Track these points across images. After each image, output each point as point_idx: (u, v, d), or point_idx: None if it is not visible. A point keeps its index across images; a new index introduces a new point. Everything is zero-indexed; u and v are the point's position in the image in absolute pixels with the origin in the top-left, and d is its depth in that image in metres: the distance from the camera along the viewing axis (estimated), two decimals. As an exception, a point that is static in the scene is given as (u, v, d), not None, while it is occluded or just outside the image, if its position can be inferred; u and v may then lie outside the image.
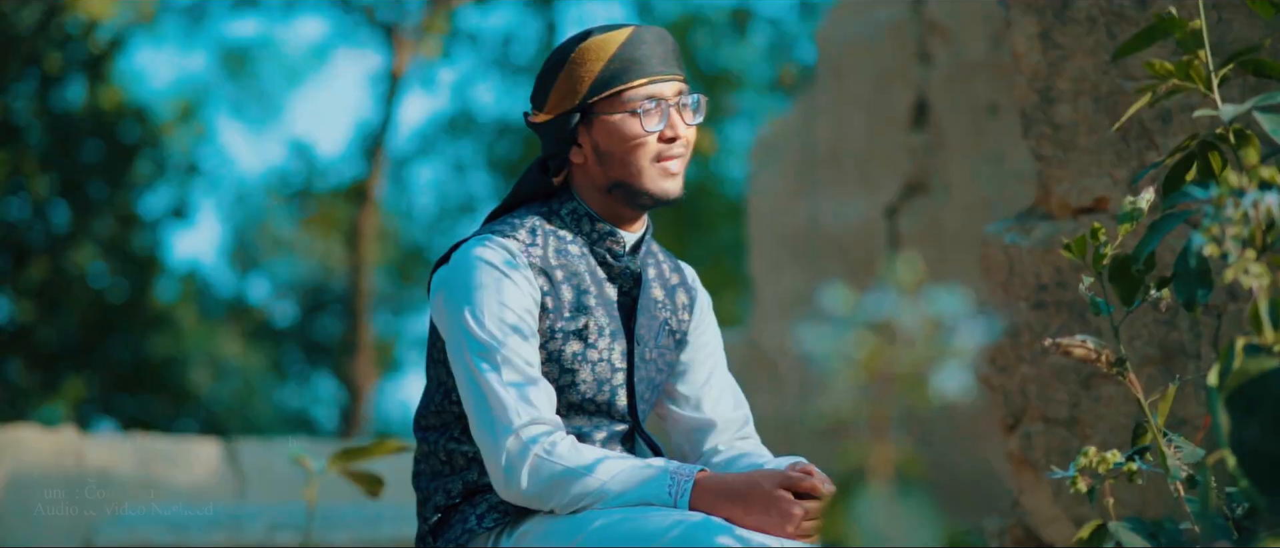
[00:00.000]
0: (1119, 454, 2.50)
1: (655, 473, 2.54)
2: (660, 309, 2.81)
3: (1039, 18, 3.53)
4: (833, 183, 6.55)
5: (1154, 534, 2.42)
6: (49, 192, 15.85)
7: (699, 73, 18.34)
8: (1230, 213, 2.06)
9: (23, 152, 15.63)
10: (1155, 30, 2.51)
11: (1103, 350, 2.52)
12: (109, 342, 16.32)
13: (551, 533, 2.58)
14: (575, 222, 2.74)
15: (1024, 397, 3.56)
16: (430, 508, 2.72)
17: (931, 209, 6.19)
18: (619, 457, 2.59)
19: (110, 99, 16.62)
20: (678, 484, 2.53)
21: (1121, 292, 2.52)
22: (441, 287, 2.67)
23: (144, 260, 16.85)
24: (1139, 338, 3.44)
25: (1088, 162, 3.48)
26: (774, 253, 6.80)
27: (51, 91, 15.87)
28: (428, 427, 2.75)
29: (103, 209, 16.24)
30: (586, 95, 2.68)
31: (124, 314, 16.53)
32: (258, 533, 5.14)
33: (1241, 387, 2.04)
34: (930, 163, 6.22)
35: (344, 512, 5.27)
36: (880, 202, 6.36)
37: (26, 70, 15.44)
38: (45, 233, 16.00)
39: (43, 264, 15.84)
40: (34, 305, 16.03)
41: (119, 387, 17.04)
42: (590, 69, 2.68)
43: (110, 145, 16.12)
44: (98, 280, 16.73)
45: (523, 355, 2.58)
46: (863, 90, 6.46)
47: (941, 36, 6.18)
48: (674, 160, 2.70)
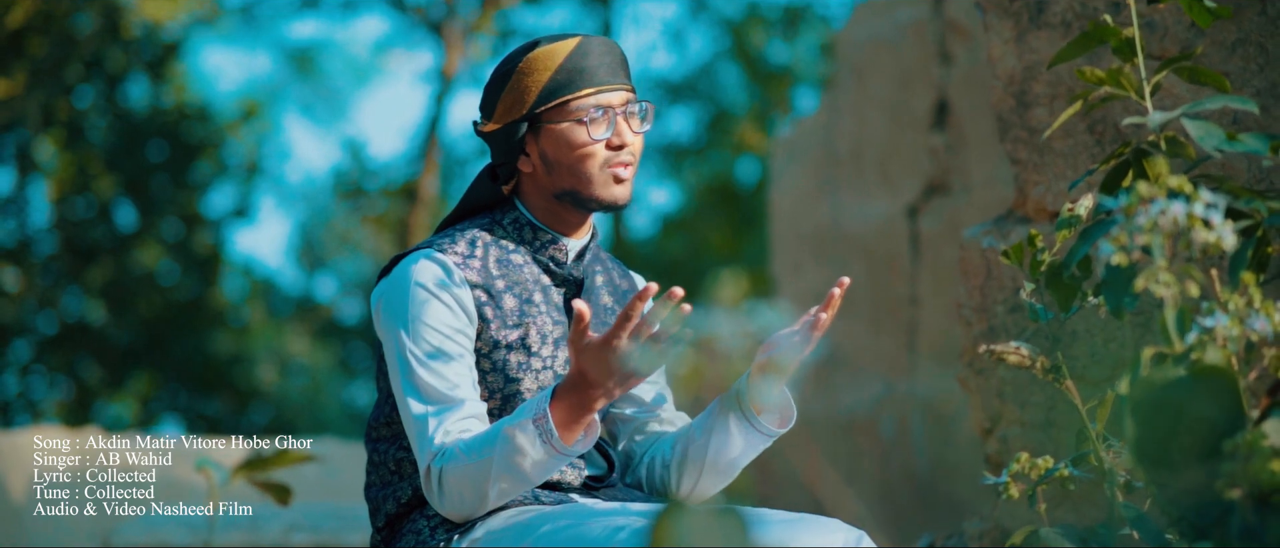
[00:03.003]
0: (1052, 461, 2.52)
1: (521, 432, 2.49)
2: (608, 314, 2.83)
3: (1015, 21, 3.53)
4: (854, 183, 6.56)
5: (1084, 539, 2.43)
6: (114, 192, 16.06)
7: (755, 71, 18.30)
8: (1141, 221, 2.07)
9: (88, 152, 15.85)
10: (1090, 37, 2.52)
11: (1037, 357, 2.53)
12: (175, 340, 16.50)
13: (500, 537, 2.61)
14: (517, 231, 2.76)
15: (1000, 401, 3.56)
16: (381, 517, 2.76)
17: (952, 209, 6.18)
18: (492, 436, 2.53)
19: (174, 99, 16.82)
20: (542, 427, 2.48)
21: (1059, 298, 2.53)
22: (379, 300, 2.72)
23: (208, 259, 17.03)
24: (1112, 341, 3.43)
25: (1063, 165, 3.48)
26: (796, 253, 6.81)
27: (115, 92, 16.08)
28: (378, 437, 2.79)
29: (167, 208, 16.43)
30: (533, 105, 2.70)
31: (190, 313, 16.71)
32: (274, 535, 5.20)
33: (1147, 395, 2.06)
34: (951, 163, 6.21)
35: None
36: (901, 202, 6.36)
37: (91, 72, 15.64)
38: (110, 233, 16.21)
39: (109, 263, 16.05)
40: (101, 304, 16.25)
41: (186, 385, 17.23)
42: (537, 79, 2.70)
43: (174, 145, 16.31)
44: (164, 279, 16.92)
45: (447, 378, 2.61)
46: (884, 91, 6.45)
47: (962, 37, 6.17)
48: (623, 167, 2.72)
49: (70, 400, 16.43)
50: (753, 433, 2.67)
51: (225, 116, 18.79)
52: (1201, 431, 1.97)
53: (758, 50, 18.34)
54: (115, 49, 15.72)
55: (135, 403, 17.44)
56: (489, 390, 2.69)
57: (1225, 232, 2.03)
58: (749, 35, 18.24)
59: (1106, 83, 2.45)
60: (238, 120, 18.88)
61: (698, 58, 19.00)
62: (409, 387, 2.61)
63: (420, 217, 16.54)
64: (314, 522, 5.31)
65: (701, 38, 19.06)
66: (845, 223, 6.55)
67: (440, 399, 2.60)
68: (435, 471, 2.57)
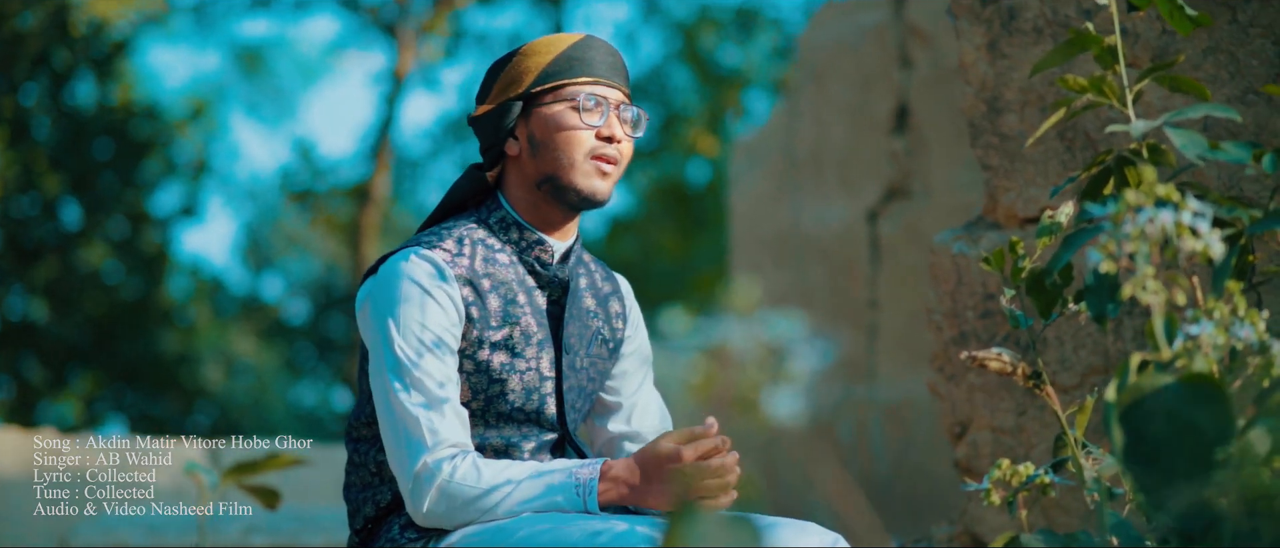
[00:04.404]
0: (1032, 467, 2.52)
1: (559, 480, 2.56)
2: (592, 318, 2.82)
3: (986, 28, 3.54)
4: (814, 187, 6.57)
5: (1066, 546, 2.44)
6: (59, 190, 15.92)
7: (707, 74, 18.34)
8: (1128, 229, 2.08)
9: (33, 150, 15.71)
10: (1072, 45, 2.52)
11: (1019, 364, 2.54)
12: (120, 339, 16.39)
13: (478, 539, 2.59)
14: (504, 230, 2.75)
15: (971, 405, 3.58)
16: (360, 519, 2.74)
17: (912, 213, 6.20)
18: (521, 470, 2.59)
19: (121, 97, 16.69)
20: (583, 485, 2.55)
21: (1039, 305, 2.54)
22: (366, 299, 2.68)
23: (154, 258, 16.91)
24: (1083, 347, 3.45)
25: (1034, 172, 3.50)
26: (755, 256, 6.82)
27: (62, 90, 15.95)
28: (359, 438, 2.77)
29: (113, 207, 16.30)
30: (530, 85, 2.70)
31: (135, 312, 16.60)
32: (232, 536, 5.17)
33: (1135, 402, 2.06)
34: (911, 167, 6.23)
35: (319, 515, 5.30)
36: (861, 205, 6.37)
37: (37, 69, 15.51)
38: (56, 231, 16.08)
39: (53, 262, 15.92)
40: (45, 303, 16.11)
41: (130, 385, 17.11)
42: (537, 62, 2.71)
43: (121, 143, 16.19)
44: (109, 278, 16.80)
45: (437, 377, 2.59)
46: (844, 94, 6.47)
47: (923, 41, 6.19)
48: (608, 162, 2.71)
49: (13, 400, 16.28)
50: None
51: (173, 115, 18.67)
52: (1192, 438, 1.98)
53: (709, 53, 18.38)
54: (62, 47, 15.59)
55: (79, 403, 17.31)
56: (472, 391, 2.67)
57: (1213, 240, 2.04)
58: (700, 38, 18.27)
59: (1089, 91, 2.46)
60: (185, 119, 18.75)
61: (649, 60, 19.04)
62: (397, 385, 2.58)
63: (372, 217, 16.48)
64: (272, 524, 5.28)
65: (653, 40, 19.09)
66: (805, 226, 6.56)
67: (429, 398, 2.58)
68: (433, 476, 2.55)
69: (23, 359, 16.25)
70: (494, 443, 2.70)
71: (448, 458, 2.57)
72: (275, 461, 1.92)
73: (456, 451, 2.59)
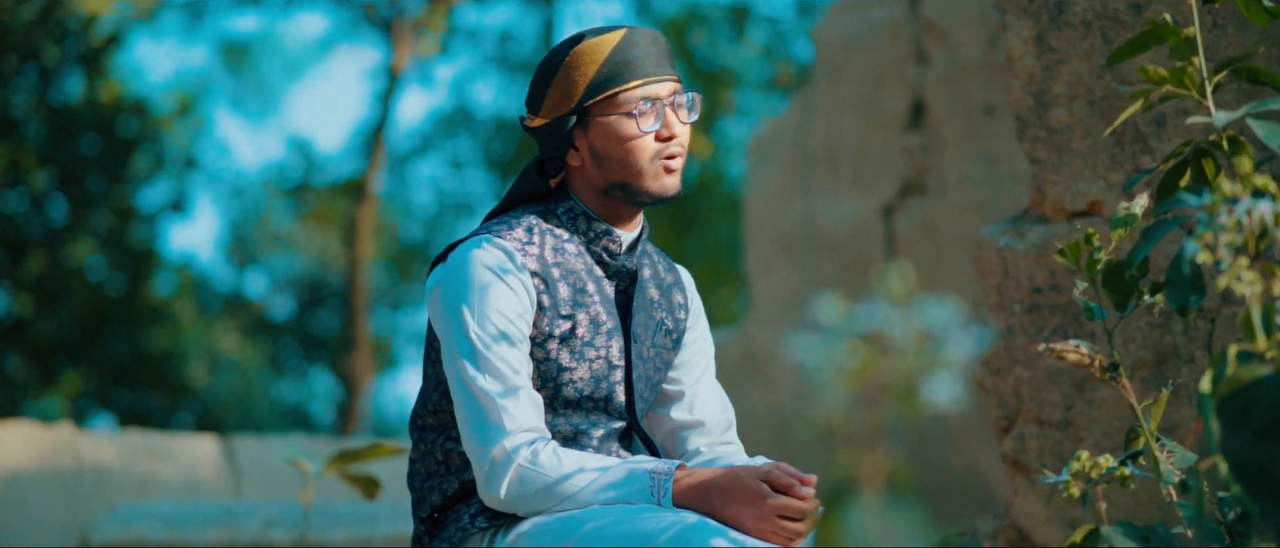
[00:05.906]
0: (1112, 459, 2.51)
1: (636, 474, 2.57)
2: (656, 308, 2.83)
3: (1034, 21, 3.54)
4: (828, 183, 6.56)
5: (1146, 538, 2.43)
6: (47, 185, 15.84)
7: (697, 71, 18.33)
8: (1223, 220, 2.07)
9: (20, 145, 15.63)
10: (1149, 36, 2.52)
11: (1096, 355, 2.54)
12: (106, 336, 16.32)
13: (545, 534, 2.59)
14: (572, 221, 2.75)
15: (1018, 400, 3.57)
16: (426, 507, 2.74)
17: (927, 209, 6.20)
18: (598, 461, 2.61)
19: (108, 93, 16.62)
20: (659, 484, 2.56)
21: (1115, 297, 2.53)
22: (438, 286, 2.69)
23: (141, 254, 16.84)
24: (1133, 342, 3.45)
25: (1082, 165, 3.49)
26: (769, 252, 6.81)
27: (50, 85, 15.87)
28: (424, 426, 2.76)
29: (100, 203, 16.22)
30: (582, 99, 2.70)
31: (121, 308, 16.52)
32: (253, 530, 5.15)
33: (1233, 394, 2.05)
34: (926, 163, 6.23)
35: (341, 510, 5.28)
36: (876, 202, 6.37)
37: (24, 64, 15.43)
38: (43, 226, 15.99)
39: (40, 258, 15.83)
40: (31, 299, 16.03)
41: (116, 381, 17.04)
42: (584, 73, 2.70)
43: (108, 139, 16.11)
44: (95, 274, 16.72)
45: (512, 363, 2.60)
46: (859, 90, 6.46)
47: (938, 37, 6.19)
48: (673, 158, 2.72)
49: (-2, 396, 16.21)
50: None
51: (160, 111, 18.60)
52: (1295, 430, 1.97)
53: (699, 50, 18.37)
54: (49, 42, 15.51)
55: (64, 400, 17.23)
56: (541, 378, 2.67)
57: (1311, 230, 2.03)
58: (690, 36, 18.27)
59: (1170, 82, 2.46)
60: (173, 114, 18.69)
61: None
62: (472, 370, 2.58)
63: (367, 213, 16.44)
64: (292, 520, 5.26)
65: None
66: (819, 222, 6.55)
67: (504, 384, 2.59)
68: (510, 460, 2.55)
69: (8, 356, 16.17)
70: (562, 430, 2.71)
71: (526, 443, 2.58)
72: (377, 450, 1.91)
73: (535, 435, 2.59)
